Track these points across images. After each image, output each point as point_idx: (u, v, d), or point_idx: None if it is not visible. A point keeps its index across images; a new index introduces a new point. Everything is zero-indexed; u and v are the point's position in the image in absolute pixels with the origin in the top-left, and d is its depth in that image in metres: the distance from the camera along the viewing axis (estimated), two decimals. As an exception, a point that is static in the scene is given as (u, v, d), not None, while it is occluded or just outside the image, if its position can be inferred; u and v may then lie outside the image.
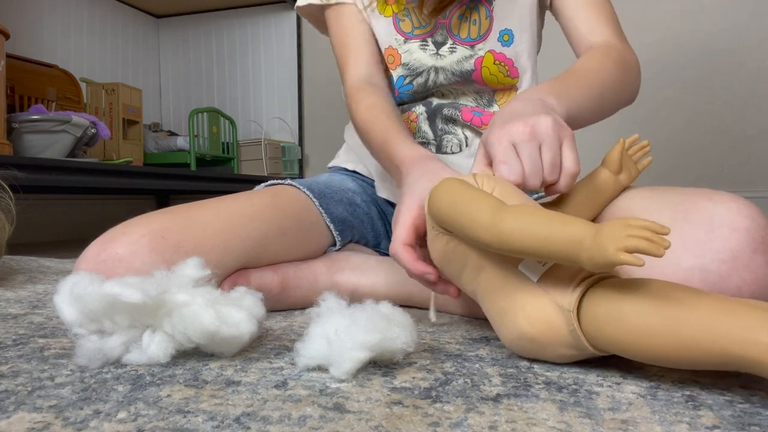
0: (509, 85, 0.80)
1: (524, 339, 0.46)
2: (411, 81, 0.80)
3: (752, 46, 2.01)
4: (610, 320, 0.40)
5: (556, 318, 0.43)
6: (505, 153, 0.53)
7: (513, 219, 0.42)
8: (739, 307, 0.37)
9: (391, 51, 0.81)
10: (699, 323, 0.37)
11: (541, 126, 0.53)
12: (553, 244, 0.40)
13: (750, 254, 0.50)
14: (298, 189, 0.76)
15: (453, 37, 0.79)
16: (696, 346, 0.37)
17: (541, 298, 0.44)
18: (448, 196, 0.48)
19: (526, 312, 0.45)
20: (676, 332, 0.38)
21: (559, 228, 0.40)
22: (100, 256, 0.58)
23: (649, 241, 0.36)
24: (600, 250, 0.37)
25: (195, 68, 2.77)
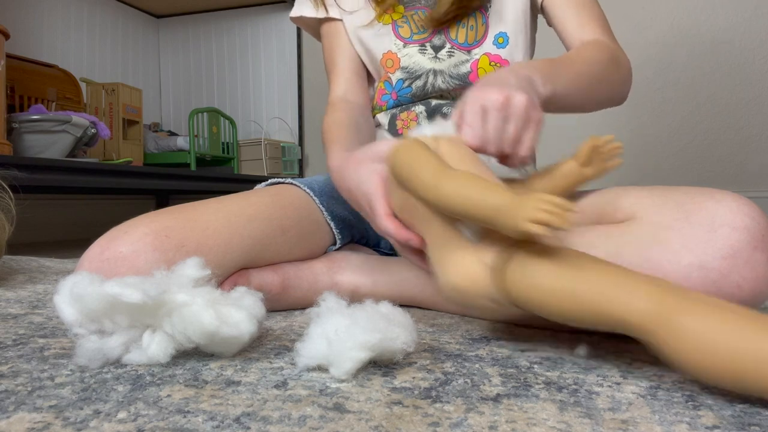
0: None
1: (450, 287, 0.50)
2: (410, 84, 0.81)
3: (753, 46, 2.01)
4: (525, 279, 0.45)
5: (481, 273, 0.48)
6: (473, 116, 0.55)
7: (449, 183, 0.47)
8: (628, 277, 0.42)
9: (390, 55, 0.82)
10: (593, 287, 0.42)
11: (515, 100, 0.55)
12: (478, 209, 0.45)
13: (750, 252, 0.51)
14: (299, 188, 0.77)
15: (451, 41, 0.80)
16: (590, 308, 0.42)
17: (472, 254, 0.49)
18: (404, 156, 0.52)
19: (457, 265, 0.49)
20: (574, 294, 0.43)
21: (485, 195, 0.45)
22: (103, 254, 0.58)
23: (552, 214, 0.40)
24: (512, 218, 0.42)
25: (195, 68, 2.76)
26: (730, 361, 0.37)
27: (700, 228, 0.52)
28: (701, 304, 0.39)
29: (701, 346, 0.38)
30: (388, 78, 0.83)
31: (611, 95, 0.75)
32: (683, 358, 0.39)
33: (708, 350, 0.38)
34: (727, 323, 0.38)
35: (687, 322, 0.38)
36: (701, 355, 0.38)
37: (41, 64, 1.88)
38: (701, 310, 0.39)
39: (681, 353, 0.39)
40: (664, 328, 0.39)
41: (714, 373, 0.38)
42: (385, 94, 0.83)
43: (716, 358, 0.37)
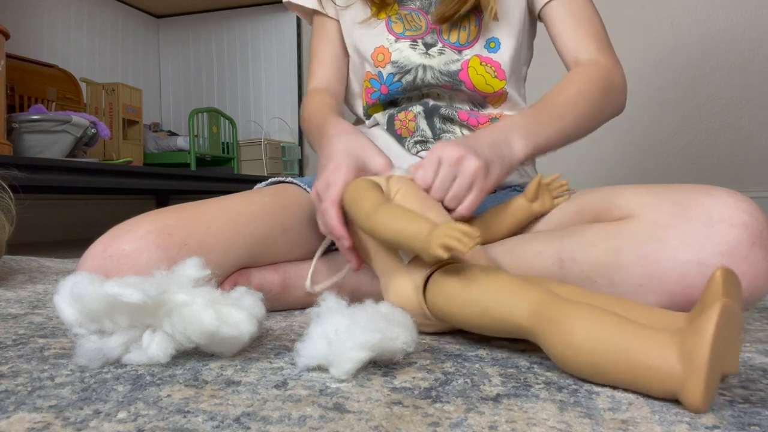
0: (498, 89, 0.80)
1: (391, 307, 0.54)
2: (400, 78, 0.81)
3: (753, 46, 2.01)
4: (441, 295, 0.51)
5: (412, 293, 0.54)
6: (429, 163, 0.61)
7: (380, 215, 0.53)
8: (515, 284, 0.47)
9: (382, 50, 0.82)
10: (490, 296, 0.47)
11: (466, 164, 0.59)
12: (402, 237, 0.51)
13: (748, 248, 0.51)
14: (299, 187, 0.77)
15: (442, 40, 0.80)
16: (489, 315, 0.47)
17: (405, 277, 0.55)
18: (349, 193, 0.59)
19: (395, 287, 0.56)
20: (476, 304, 0.48)
21: (407, 225, 0.51)
22: (106, 252, 0.58)
23: (458, 241, 0.46)
24: (427, 243, 0.48)
25: (195, 68, 2.77)
26: (596, 356, 0.40)
27: (698, 225, 0.52)
28: (573, 306, 0.43)
29: (571, 343, 0.42)
30: (374, 76, 0.83)
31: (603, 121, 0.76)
32: (557, 354, 0.43)
33: (572, 347, 0.41)
34: (596, 324, 0.41)
35: (558, 320, 0.42)
36: (568, 349, 0.42)
37: (41, 64, 1.88)
38: (571, 312, 0.42)
39: (554, 349, 0.43)
40: (541, 327, 0.44)
41: (579, 367, 0.42)
42: (374, 91, 0.84)
43: (580, 355, 0.41)
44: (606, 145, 2.10)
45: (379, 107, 0.85)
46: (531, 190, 0.67)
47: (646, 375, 0.39)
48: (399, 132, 0.83)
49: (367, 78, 0.84)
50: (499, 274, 0.50)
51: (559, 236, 0.62)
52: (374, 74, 0.83)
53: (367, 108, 0.86)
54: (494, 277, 0.49)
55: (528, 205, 0.68)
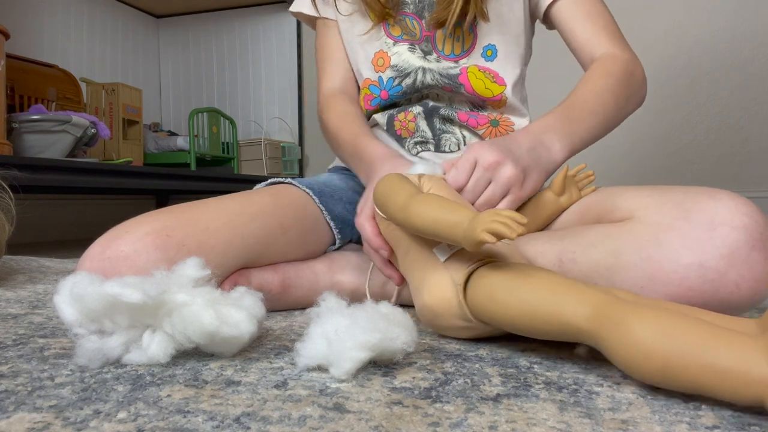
0: (498, 94, 0.80)
1: (426, 309, 0.53)
2: (400, 82, 0.81)
3: (754, 46, 2.01)
4: (485, 294, 0.48)
5: (450, 291, 0.51)
6: (463, 163, 0.59)
7: (417, 205, 0.51)
8: (571, 283, 0.45)
9: (381, 54, 0.82)
10: (542, 297, 0.45)
11: (502, 170, 0.58)
12: (441, 226, 0.49)
13: (748, 251, 0.51)
14: (298, 188, 0.77)
15: (437, 52, 0.80)
16: (540, 316, 0.44)
17: (442, 274, 0.52)
18: (384, 186, 0.57)
19: (429, 285, 0.53)
20: (524, 304, 0.45)
21: (447, 214, 0.49)
22: (104, 253, 0.58)
23: (505, 226, 0.43)
24: (471, 230, 0.45)
25: (195, 68, 2.76)
26: (667, 360, 0.38)
27: (700, 227, 0.52)
28: (640, 308, 0.40)
29: (636, 346, 0.39)
30: (374, 81, 0.83)
31: (627, 114, 0.76)
32: (621, 359, 0.40)
33: (642, 350, 0.39)
34: (666, 326, 0.38)
35: (625, 323, 0.40)
36: (636, 354, 0.39)
37: (41, 64, 1.87)
38: (639, 313, 0.40)
39: (619, 354, 0.40)
40: (604, 330, 0.41)
41: (649, 372, 0.39)
42: (374, 98, 0.83)
43: (649, 360, 0.38)
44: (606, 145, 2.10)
45: (379, 109, 0.85)
46: (558, 184, 0.66)
47: (729, 379, 0.36)
48: (399, 133, 0.83)
49: (366, 85, 0.84)
50: (549, 273, 0.47)
51: (561, 237, 0.62)
52: (374, 80, 0.83)
53: (367, 114, 0.86)
54: (545, 275, 0.46)
55: (556, 198, 0.67)
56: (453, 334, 0.54)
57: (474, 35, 0.79)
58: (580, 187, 0.69)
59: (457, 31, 0.79)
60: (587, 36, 0.77)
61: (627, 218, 0.58)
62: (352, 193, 0.83)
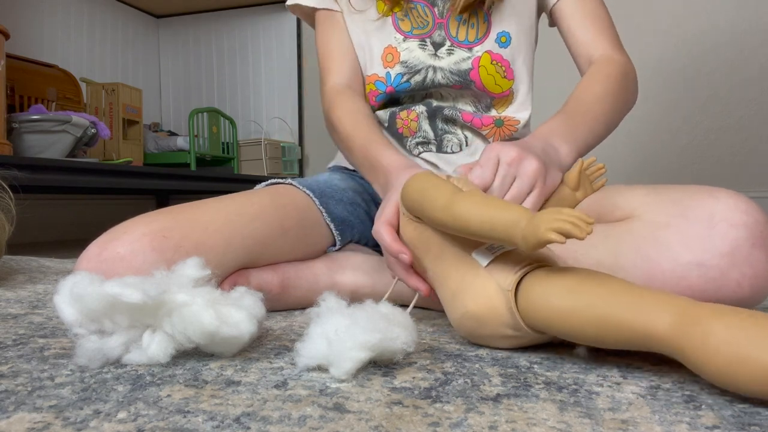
0: (506, 89, 0.80)
1: (468, 317, 0.50)
2: (408, 79, 0.80)
3: (754, 46, 2.01)
4: (541, 301, 0.45)
5: (497, 298, 0.47)
6: (487, 161, 0.58)
7: (464, 202, 0.48)
8: (644, 291, 0.42)
9: (390, 50, 0.81)
10: (612, 304, 0.42)
11: (526, 164, 0.57)
12: (495, 225, 0.45)
13: (749, 249, 0.51)
14: (298, 188, 0.77)
15: (451, 39, 0.80)
16: (609, 324, 0.42)
17: (486, 280, 0.49)
18: (418, 184, 0.54)
19: (472, 292, 0.49)
20: (591, 311, 0.42)
21: (501, 211, 0.45)
22: (101, 255, 0.58)
23: (573, 225, 0.41)
24: (534, 229, 0.42)
25: (195, 68, 2.76)
26: (760, 368, 0.36)
27: (699, 226, 0.52)
28: (725, 312, 0.38)
29: (728, 354, 0.37)
30: (381, 78, 0.82)
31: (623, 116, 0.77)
32: (712, 369, 0.38)
33: (735, 358, 0.36)
34: (755, 330, 0.37)
35: (713, 330, 0.37)
36: (729, 363, 0.37)
37: (41, 64, 1.87)
38: (725, 319, 0.38)
39: (709, 363, 0.38)
40: (689, 338, 0.38)
41: (744, 381, 0.37)
42: (379, 94, 0.83)
43: (745, 367, 0.36)
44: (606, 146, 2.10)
45: (381, 106, 0.85)
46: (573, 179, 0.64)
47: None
48: (400, 131, 0.83)
49: (371, 81, 0.83)
50: (616, 278, 0.44)
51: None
52: (381, 76, 0.82)
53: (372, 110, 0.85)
54: (615, 280, 0.44)
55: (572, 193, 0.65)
56: (495, 343, 0.51)
57: (488, 22, 0.80)
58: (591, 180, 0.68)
59: (472, 18, 0.79)
60: (587, 37, 0.78)
61: (627, 217, 0.58)
62: (353, 194, 0.83)
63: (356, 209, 0.81)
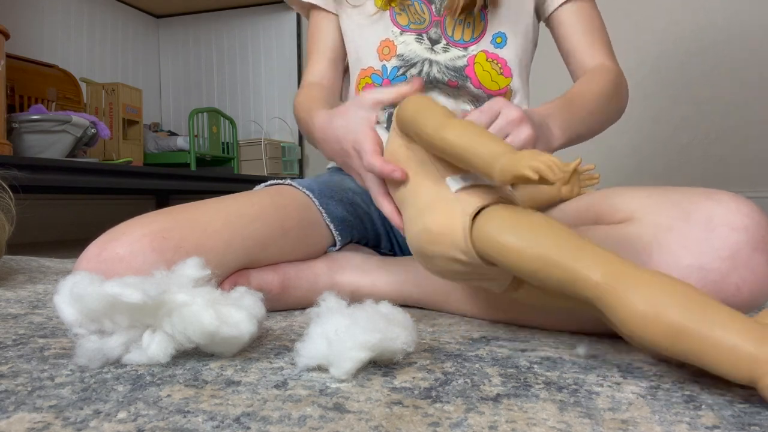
0: (503, 86, 0.81)
1: (424, 231, 0.51)
2: (405, 72, 0.81)
3: (754, 46, 2.01)
4: (494, 232, 0.47)
5: (457, 220, 0.49)
6: (489, 110, 0.59)
7: (455, 127, 0.50)
8: (587, 244, 0.44)
9: (387, 43, 0.82)
10: (557, 245, 0.44)
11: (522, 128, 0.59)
12: (479, 151, 0.47)
13: (749, 253, 0.50)
14: (297, 189, 0.77)
15: (447, 38, 0.80)
16: (548, 266, 0.44)
17: (452, 203, 0.51)
18: (417, 104, 0.54)
19: (436, 210, 0.51)
20: (535, 251, 0.44)
21: (488, 142, 0.47)
22: (100, 255, 0.58)
23: (549, 168, 0.42)
24: (513, 162, 0.44)
25: (195, 68, 2.76)
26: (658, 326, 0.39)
27: (699, 228, 0.52)
28: (649, 276, 0.41)
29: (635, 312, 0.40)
30: (377, 71, 0.83)
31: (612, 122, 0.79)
32: (629, 325, 0.40)
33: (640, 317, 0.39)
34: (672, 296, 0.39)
35: (635, 288, 0.40)
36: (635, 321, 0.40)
37: (41, 64, 1.87)
38: (648, 282, 0.41)
39: (626, 320, 0.40)
40: (613, 292, 0.41)
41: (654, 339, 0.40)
42: (375, 87, 0.83)
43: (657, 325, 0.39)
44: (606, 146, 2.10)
45: None
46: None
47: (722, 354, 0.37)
48: (399, 131, 0.83)
49: (368, 74, 0.84)
50: (564, 227, 0.46)
51: None
52: (377, 69, 0.83)
53: None
54: (565, 228, 0.46)
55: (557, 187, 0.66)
56: (442, 271, 0.53)
57: (485, 22, 0.80)
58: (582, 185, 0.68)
59: (468, 18, 0.80)
60: (583, 46, 0.80)
61: (626, 219, 0.58)
62: (353, 194, 0.83)
63: (356, 209, 0.81)
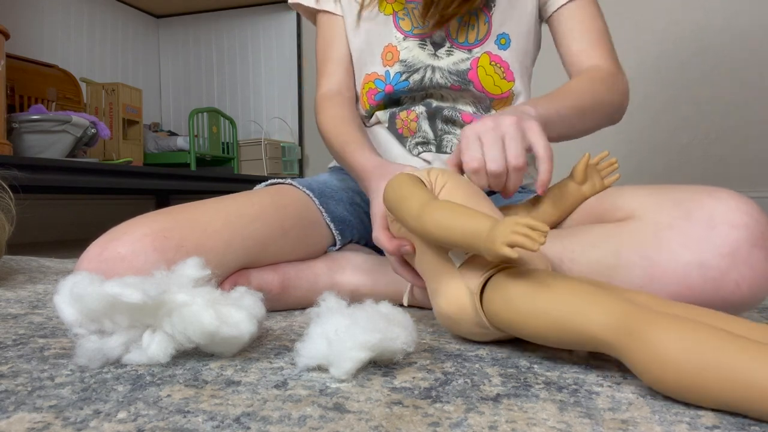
0: (506, 90, 0.81)
1: (443, 315, 0.53)
2: (407, 78, 0.81)
3: (754, 47, 2.01)
4: (502, 303, 0.47)
5: (467, 299, 0.50)
6: (467, 143, 0.58)
7: (432, 213, 0.49)
8: (590, 291, 0.43)
9: (390, 48, 0.81)
10: (561, 306, 0.43)
11: (504, 120, 0.58)
12: (459, 236, 0.47)
13: (749, 250, 0.51)
14: (298, 188, 0.77)
15: (451, 40, 0.80)
16: (561, 326, 0.43)
17: (458, 281, 0.51)
18: (393, 191, 0.55)
19: (446, 293, 0.51)
20: (546, 314, 0.44)
21: (465, 223, 0.47)
22: (102, 255, 0.58)
23: (526, 237, 0.42)
24: (491, 242, 0.44)
25: (195, 68, 2.76)
26: (693, 375, 0.36)
27: (699, 226, 0.52)
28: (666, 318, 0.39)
29: (658, 358, 0.37)
30: (380, 76, 0.82)
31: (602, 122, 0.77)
32: (646, 372, 0.38)
33: (664, 362, 0.37)
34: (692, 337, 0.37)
35: (646, 335, 0.38)
36: (663, 368, 0.37)
37: (41, 64, 1.87)
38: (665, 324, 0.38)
39: (641, 365, 0.38)
40: (624, 341, 0.39)
41: (671, 385, 0.37)
42: (378, 92, 0.83)
43: (679, 373, 0.37)
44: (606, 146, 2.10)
45: (381, 105, 0.85)
46: (579, 172, 0.64)
47: (758, 396, 0.34)
48: (400, 131, 0.83)
49: (371, 79, 0.83)
50: (568, 279, 0.45)
51: (561, 237, 0.62)
52: (380, 74, 0.82)
53: (371, 109, 0.86)
54: (564, 282, 0.45)
55: (578, 188, 0.64)
56: (473, 338, 0.54)
57: (488, 24, 0.80)
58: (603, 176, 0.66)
59: (472, 20, 0.80)
60: (581, 48, 0.79)
61: (627, 218, 0.58)
62: (353, 194, 0.83)
63: (356, 209, 0.81)
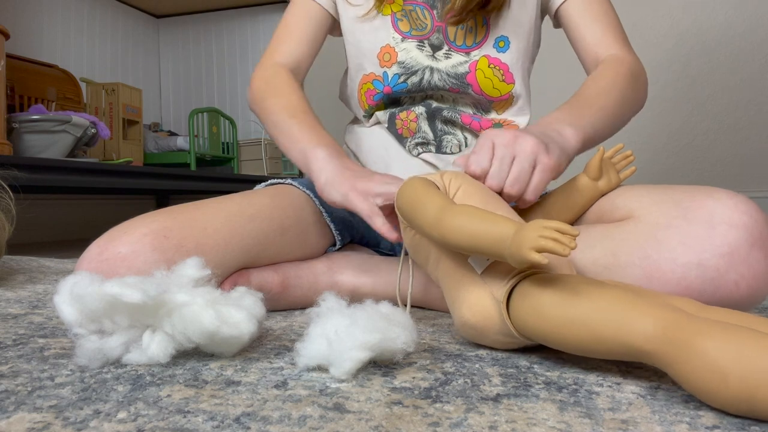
0: (505, 93, 0.80)
1: (467, 325, 0.50)
2: (405, 80, 0.80)
3: (754, 47, 2.01)
4: (532, 311, 0.44)
5: (492, 308, 0.48)
6: (482, 148, 0.57)
7: (452, 219, 0.47)
8: (636, 301, 0.40)
9: (388, 49, 0.81)
10: (598, 315, 0.41)
11: (522, 142, 0.56)
12: (482, 242, 0.45)
13: (747, 250, 0.51)
14: (298, 188, 0.77)
15: (449, 42, 0.79)
16: (599, 336, 0.41)
17: (481, 289, 0.49)
18: (408, 197, 0.53)
19: (469, 301, 0.49)
20: (582, 323, 0.41)
21: (488, 228, 0.45)
22: (102, 255, 0.58)
23: (556, 242, 0.40)
24: (517, 248, 0.41)
25: (195, 68, 2.76)
26: (743, 384, 0.34)
27: (698, 226, 0.52)
28: (712, 326, 0.37)
29: (711, 368, 0.35)
30: (378, 77, 0.82)
31: (633, 113, 0.76)
32: (694, 382, 0.37)
33: (718, 373, 0.35)
34: (741, 345, 0.35)
35: (696, 344, 0.36)
36: (712, 378, 0.35)
37: (41, 64, 1.87)
38: (711, 332, 0.36)
39: (691, 377, 0.36)
40: (671, 351, 0.37)
41: (726, 397, 0.35)
42: (377, 93, 0.83)
43: (728, 382, 0.35)
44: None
45: (381, 106, 0.85)
46: (594, 168, 0.63)
47: None
48: (400, 131, 0.83)
49: (369, 80, 0.83)
50: (603, 285, 0.43)
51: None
52: (378, 75, 0.82)
53: (370, 109, 0.85)
54: (600, 289, 0.42)
55: (593, 184, 0.63)
56: (496, 345, 0.51)
57: (487, 27, 0.79)
58: (618, 170, 0.65)
59: (470, 22, 0.79)
60: (595, 38, 0.77)
61: (626, 218, 0.58)
62: (353, 194, 0.83)
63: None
